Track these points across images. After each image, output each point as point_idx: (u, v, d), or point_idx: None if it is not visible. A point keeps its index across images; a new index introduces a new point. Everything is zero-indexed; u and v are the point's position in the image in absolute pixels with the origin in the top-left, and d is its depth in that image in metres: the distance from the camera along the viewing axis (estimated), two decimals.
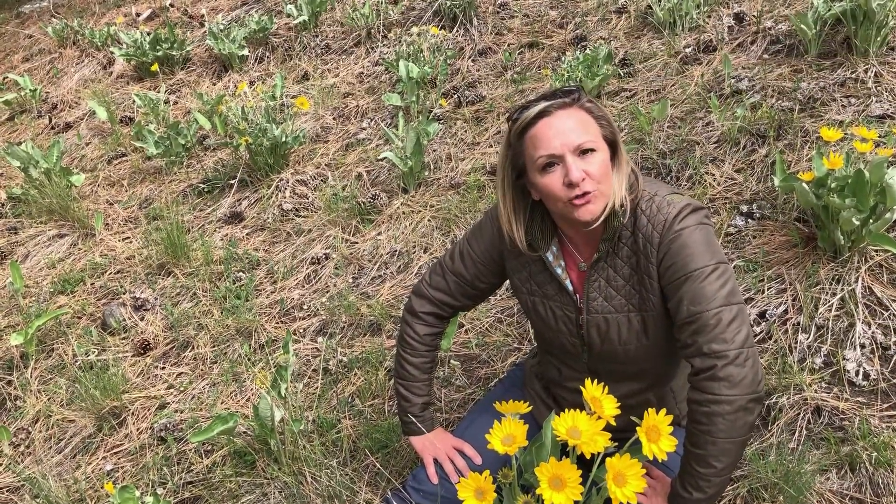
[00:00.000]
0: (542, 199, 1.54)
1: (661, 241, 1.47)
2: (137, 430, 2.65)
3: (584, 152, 1.45)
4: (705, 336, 1.41)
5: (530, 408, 1.56)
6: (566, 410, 1.39)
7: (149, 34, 5.51)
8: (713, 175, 2.85)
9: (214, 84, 5.26)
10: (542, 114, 1.47)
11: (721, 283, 1.43)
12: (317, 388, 2.61)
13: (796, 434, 1.96)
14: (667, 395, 1.69)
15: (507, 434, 1.45)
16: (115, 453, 2.59)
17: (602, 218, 1.49)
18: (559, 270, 1.62)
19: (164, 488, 2.37)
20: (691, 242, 1.45)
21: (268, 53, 5.26)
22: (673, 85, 3.46)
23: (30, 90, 5.65)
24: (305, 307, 3.03)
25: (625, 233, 1.53)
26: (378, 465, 2.17)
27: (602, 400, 1.44)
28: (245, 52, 5.23)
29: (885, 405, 1.96)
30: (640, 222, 1.50)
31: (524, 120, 1.49)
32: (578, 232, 1.58)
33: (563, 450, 1.45)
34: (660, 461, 1.39)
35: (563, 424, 1.40)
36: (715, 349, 1.40)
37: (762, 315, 2.28)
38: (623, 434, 1.49)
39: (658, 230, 1.47)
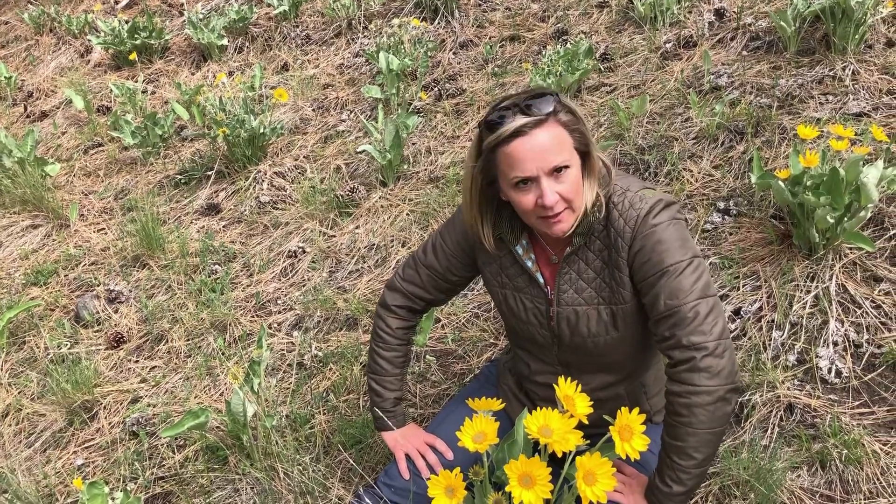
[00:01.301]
0: (514, 207, 1.55)
1: (634, 237, 1.48)
2: (109, 424, 2.62)
3: (557, 170, 1.45)
4: (684, 329, 1.43)
5: (503, 405, 1.55)
6: (539, 407, 1.39)
7: (127, 22, 5.44)
8: (691, 171, 2.85)
9: (193, 74, 5.20)
10: (516, 133, 1.43)
11: (696, 276, 1.45)
12: (291, 383, 2.59)
13: (769, 431, 1.97)
14: (637, 390, 1.69)
15: (478, 431, 1.44)
16: (87, 448, 2.56)
17: (571, 230, 1.51)
18: (529, 263, 1.63)
19: (136, 483, 2.34)
20: (665, 238, 1.46)
21: (247, 43, 5.21)
22: (653, 80, 3.45)
23: (5, 77, 5.57)
24: (281, 301, 3.01)
25: (597, 227, 1.54)
26: (351, 461, 2.15)
27: (575, 398, 1.44)
28: (224, 41, 5.17)
29: (857, 403, 1.97)
30: (612, 216, 1.52)
31: (498, 138, 1.45)
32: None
33: (535, 447, 1.45)
34: (633, 460, 1.39)
35: (535, 422, 1.39)
36: (694, 341, 1.41)
37: (737, 312, 2.29)
38: (594, 430, 1.49)
39: (630, 225, 1.49)
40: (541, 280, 1.62)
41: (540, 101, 1.45)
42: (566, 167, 1.45)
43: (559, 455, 1.37)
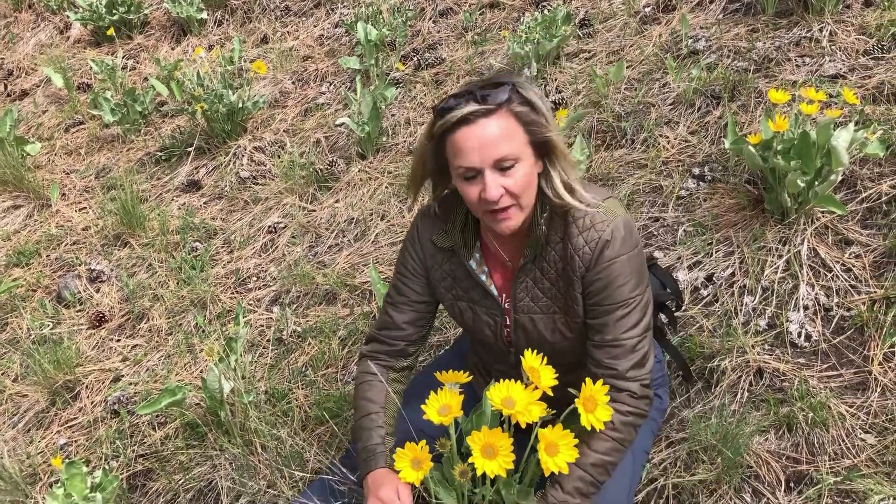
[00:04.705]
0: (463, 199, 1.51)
1: (593, 262, 1.48)
2: (91, 403, 2.64)
3: (504, 163, 1.40)
4: (625, 360, 1.51)
5: (470, 378, 1.56)
6: (501, 381, 1.40)
7: None
8: (667, 137, 2.84)
9: (173, 49, 5.14)
10: (463, 121, 1.39)
11: (643, 313, 1.52)
12: (269, 358, 2.60)
13: (738, 396, 1.99)
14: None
15: (443, 404, 1.45)
16: (69, 427, 2.58)
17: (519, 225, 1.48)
18: (483, 277, 1.61)
19: (117, 461, 2.36)
20: (622, 272, 1.48)
21: (227, 16, 5.15)
22: (631, 46, 3.42)
23: None
24: (261, 277, 3.01)
25: (553, 237, 1.52)
26: (328, 435, 2.17)
27: (540, 370, 1.45)
28: (203, 15, 5.11)
29: (825, 366, 1.99)
30: (571, 232, 1.49)
31: (444, 124, 1.41)
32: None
33: (501, 419, 1.46)
34: (598, 431, 1.41)
35: (499, 394, 1.41)
36: (633, 375, 1.51)
37: (709, 278, 2.29)
38: (556, 405, 1.50)
39: (591, 247, 1.47)
40: (494, 293, 1.61)
41: (495, 90, 1.41)
42: (514, 161, 1.41)
43: (523, 426, 1.39)
